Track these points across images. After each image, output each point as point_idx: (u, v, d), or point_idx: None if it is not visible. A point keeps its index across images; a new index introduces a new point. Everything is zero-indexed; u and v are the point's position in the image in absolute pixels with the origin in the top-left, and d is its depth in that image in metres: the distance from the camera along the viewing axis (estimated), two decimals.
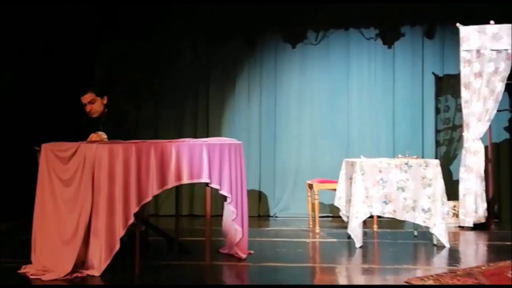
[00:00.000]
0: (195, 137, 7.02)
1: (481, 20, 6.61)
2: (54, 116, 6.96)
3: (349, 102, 7.78)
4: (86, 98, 5.11)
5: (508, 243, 5.85)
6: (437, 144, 7.63)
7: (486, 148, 6.73)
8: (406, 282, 4.21)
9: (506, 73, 6.52)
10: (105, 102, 5.20)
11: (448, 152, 7.57)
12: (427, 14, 7.56)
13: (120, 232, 4.37)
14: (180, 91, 7.97)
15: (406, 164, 5.50)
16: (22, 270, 4.48)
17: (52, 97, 7.12)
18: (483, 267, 4.62)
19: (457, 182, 6.73)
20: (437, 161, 5.59)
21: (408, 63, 7.71)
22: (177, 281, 4.38)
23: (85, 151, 4.43)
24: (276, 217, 7.73)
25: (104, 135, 4.88)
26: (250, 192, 7.71)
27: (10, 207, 6.39)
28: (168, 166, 4.52)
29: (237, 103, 7.98)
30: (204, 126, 7.96)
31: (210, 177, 4.71)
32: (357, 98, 7.77)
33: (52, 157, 4.55)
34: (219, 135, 7.56)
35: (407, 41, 7.71)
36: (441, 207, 5.44)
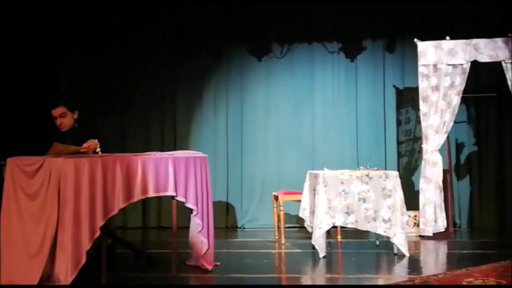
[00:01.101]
0: (163, 150, 7.07)
1: (438, 35, 6.79)
2: (20, 130, 6.88)
3: (314, 114, 7.88)
4: (57, 111, 5.11)
5: (466, 251, 6.05)
6: (399, 155, 7.77)
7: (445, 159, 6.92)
8: None
9: (462, 87, 6.69)
10: (75, 117, 5.21)
11: (409, 163, 7.72)
12: (387, 28, 7.71)
13: (86, 245, 4.36)
14: (146, 104, 7.99)
15: (367, 176, 5.61)
16: None
17: (18, 111, 7.04)
18: (440, 275, 4.74)
19: (418, 193, 6.85)
20: (396, 173, 5.72)
21: (370, 76, 7.84)
22: None
23: (50, 165, 4.43)
24: (244, 228, 7.78)
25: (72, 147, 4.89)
26: (218, 204, 7.79)
27: None
28: (134, 180, 4.55)
29: (204, 115, 8.02)
30: (172, 139, 7.97)
31: (176, 190, 4.76)
32: (321, 110, 7.88)
33: (17, 171, 4.52)
34: (186, 148, 7.57)
35: (369, 55, 7.84)
36: (401, 217, 5.55)
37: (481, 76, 7.37)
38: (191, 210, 5.00)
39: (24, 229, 4.45)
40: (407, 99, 7.69)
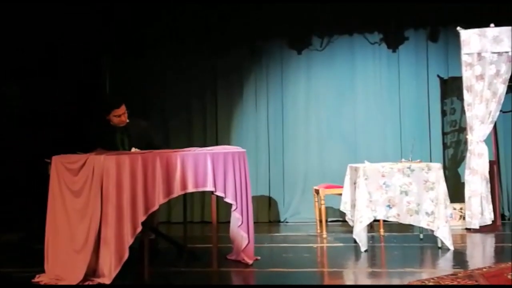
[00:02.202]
0: (204, 145, 7.15)
1: (483, 22, 6.65)
2: (65, 129, 7.09)
3: (356, 106, 7.84)
4: (123, 109, 5.40)
5: None
6: (444, 146, 7.65)
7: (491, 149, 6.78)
8: (408, 284, 4.28)
9: (508, 75, 6.54)
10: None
11: (455, 154, 7.59)
12: (430, 17, 7.58)
13: (128, 240, 4.48)
14: (188, 101, 8.11)
15: (409, 168, 5.56)
16: (35, 279, 4.61)
17: (62, 111, 7.26)
18: (484, 269, 4.67)
19: (464, 185, 6.74)
20: (439, 165, 5.64)
21: (413, 66, 7.75)
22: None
23: (93, 163, 4.57)
24: (287, 222, 7.81)
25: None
26: (260, 198, 7.87)
27: (22, 217, 6.55)
28: (174, 176, 4.65)
29: (245, 110, 8.09)
30: (213, 134, 8.07)
31: (214, 185, 4.84)
32: (363, 103, 7.83)
33: (62, 169, 4.70)
34: (228, 143, 7.69)
35: (411, 45, 7.74)
36: (444, 210, 5.48)
37: None
38: (230, 205, 5.06)
39: (69, 225, 4.62)
40: (452, 89, 7.55)
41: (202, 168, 4.79)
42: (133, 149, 5.12)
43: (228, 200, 4.97)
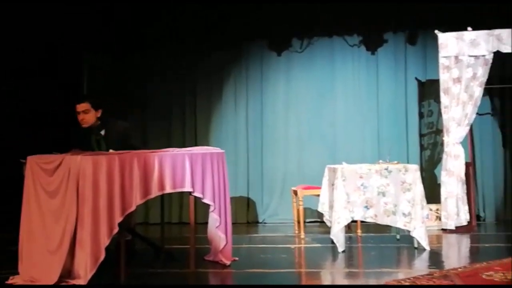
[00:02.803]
0: (183, 146, 7.11)
1: (460, 26, 6.72)
2: (41, 128, 6.98)
3: (335, 108, 7.87)
4: (81, 106, 5.20)
5: (488, 245, 5.98)
6: (421, 148, 7.71)
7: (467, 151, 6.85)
8: (384, 284, 4.31)
9: (484, 78, 6.63)
10: (98, 115, 5.29)
11: (432, 156, 7.65)
12: (409, 20, 7.65)
13: (105, 241, 4.43)
14: (167, 101, 8.06)
15: (386, 169, 5.59)
16: (10, 281, 4.54)
17: (39, 109, 7.15)
18: (459, 269, 4.71)
19: (440, 186, 6.81)
20: (416, 166, 5.69)
21: (392, 68, 7.80)
22: None
23: (69, 163, 4.50)
24: (265, 223, 7.80)
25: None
26: (239, 199, 7.84)
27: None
28: (151, 176, 4.61)
29: (224, 111, 8.06)
30: (192, 135, 8.03)
31: (192, 186, 4.80)
32: (342, 104, 7.86)
33: (37, 169, 4.62)
34: (207, 144, 7.65)
35: (390, 47, 7.79)
36: (421, 211, 5.53)
37: (506, 67, 7.24)
38: (208, 206, 5.03)
39: (44, 226, 4.54)
40: (430, 91, 7.61)
41: (180, 168, 4.75)
42: (110, 150, 5.06)
43: (206, 201, 4.94)
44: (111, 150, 5.03)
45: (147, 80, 8.06)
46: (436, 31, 6.76)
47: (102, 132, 5.31)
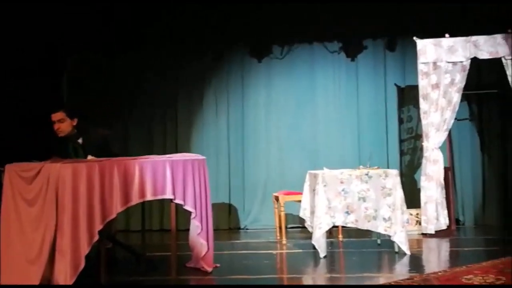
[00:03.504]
0: (164, 152, 7.07)
1: (438, 33, 6.79)
2: (19, 136, 6.84)
3: (315, 114, 7.89)
4: (56, 116, 5.16)
5: (468, 249, 6.02)
6: (401, 153, 7.75)
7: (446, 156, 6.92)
8: None
9: (462, 84, 6.70)
10: (74, 124, 5.24)
11: (412, 161, 7.70)
12: (388, 27, 7.68)
13: (85, 249, 4.39)
14: (148, 108, 8.01)
15: (367, 175, 5.61)
16: None
17: (18, 116, 7.02)
18: (439, 273, 4.74)
19: (419, 191, 6.85)
20: (396, 171, 5.72)
21: (371, 75, 7.84)
22: None
23: (48, 171, 4.46)
24: (247, 229, 7.78)
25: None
26: (221, 205, 7.82)
27: None
28: (132, 183, 4.58)
29: (205, 118, 8.04)
30: (173, 142, 7.98)
31: (174, 193, 4.77)
32: (322, 110, 7.89)
33: (16, 177, 4.55)
34: (188, 150, 7.62)
35: (370, 54, 7.84)
36: (401, 215, 5.56)
37: (483, 73, 7.34)
38: (190, 213, 5.00)
39: (23, 235, 4.47)
40: (409, 97, 7.65)
41: (161, 175, 4.72)
42: (89, 157, 5.01)
43: (188, 207, 4.91)
44: (89, 157, 4.99)
45: (128, 87, 7.99)
46: (414, 38, 6.82)
47: (80, 140, 5.26)
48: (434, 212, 6.64)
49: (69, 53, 7.93)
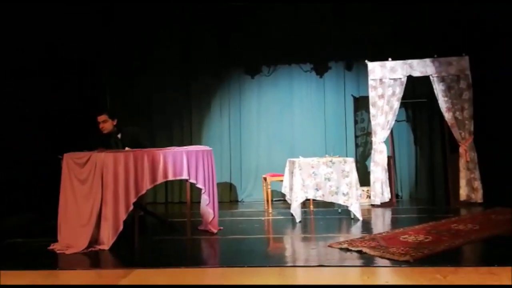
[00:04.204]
0: (182, 144, 7.02)
1: (383, 57, 6.77)
2: (74, 132, 6.75)
3: (293, 117, 7.84)
4: (101, 118, 5.12)
5: (404, 215, 6.04)
6: (356, 146, 7.72)
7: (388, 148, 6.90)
8: (329, 245, 4.32)
9: (401, 95, 6.67)
10: (115, 123, 5.19)
11: (364, 151, 7.69)
12: (346, 52, 7.63)
13: (123, 216, 4.39)
14: (169, 111, 7.93)
15: (331, 161, 5.61)
16: (51, 247, 4.48)
17: (72, 118, 6.91)
18: (384, 233, 4.75)
19: (369, 173, 6.84)
20: (352, 159, 5.71)
21: (334, 88, 7.79)
22: (165, 252, 4.41)
23: (96, 158, 4.45)
24: (243, 201, 7.74)
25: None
26: (224, 184, 7.78)
27: (40, 200, 6.24)
28: (158, 168, 4.56)
29: (212, 119, 7.96)
30: (188, 137, 7.89)
31: (189, 174, 4.77)
32: (298, 114, 7.83)
33: (71, 163, 4.55)
34: (199, 143, 7.58)
35: (333, 73, 7.78)
36: (356, 191, 5.56)
37: (416, 87, 7.32)
38: (201, 189, 4.99)
39: (77, 206, 4.48)
40: (362, 104, 7.63)
41: (179, 162, 4.71)
42: (126, 149, 4.98)
43: (199, 185, 4.91)
44: (127, 148, 4.95)
45: (153, 98, 7.93)
46: (366, 61, 6.80)
47: (119, 136, 5.22)
48: (380, 189, 6.63)
49: (111, 74, 7.81)
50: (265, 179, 6.77)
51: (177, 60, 7.86)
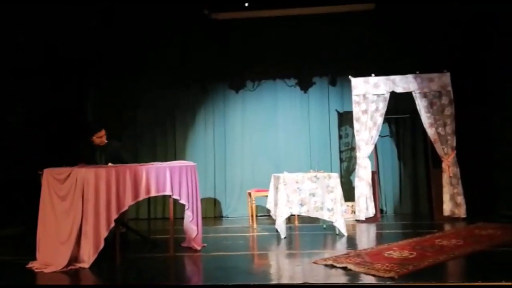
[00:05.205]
0: (166, 160, 6.94)
1: (367, 73, 6.84)
2: (54, 145, 6.64)
3: (278, 132, 7.86)
4: (101, 133, 5.24)
5: (388, 231, 6.06)
6: (341, 161, 7.75)
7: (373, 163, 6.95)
8: (314, 262, 4.30)
9: (384, 110, 6.75)
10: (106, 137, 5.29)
11: (348, 166, 7.71)
12: (330, 68, 7.73)
13: (104, 233, 4.33)
14: (152, 125, 7.90)
15: (315, 177, 5.62)
16: (29, 265, 4.39)
17: (52, 129, 6.80)
18: (368, 249, 4.76)
19: (354, 188, 6.85)
20: (336, 174, 5.73)
21: (319, 103, 7.84)
22: (147, 270, 4.35)
23: (76, 174, 4.39)
24: (227, 217, 7.68)
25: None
26: (208, 199, 7.73)
27: (18, 216, 6.10)
28: (140, 183, 4.52)
29: (197, 134, 7.94)
30: (172, 152, 7.86)
31: (172, 190, 4.73)
32: (283, 129, 7.85)
33: (51, 179, 4.47)
34: (183, 158, 7.52)
35: (317, 88, 7.84)
36: (340, 207, 5.57)
37: (399, 102, 7.38)
38: (184, 205, 4.95)
39: (56, 222, 4.40)
40: (346, 119, 7.67)
41: (162, 177, 4.68)
42: (109, 164, 4.93)
43: (182, 201, 4.88)
44: (110, 164, 4.91)
45: (137, 107, 7.88)
46: (350, 77, 6.88)
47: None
48: (365, 204, 6.64)
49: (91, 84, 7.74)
50: (249, 194, 6.75)
51: (162, 72, 7.85)
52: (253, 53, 7.68)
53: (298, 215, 6.37)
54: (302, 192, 5.56)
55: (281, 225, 5.56)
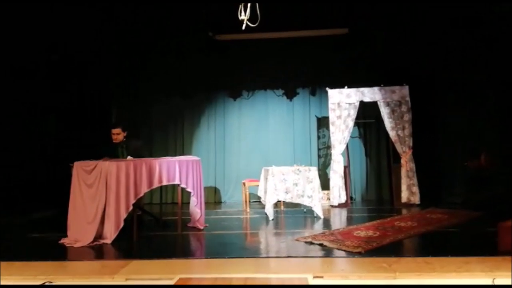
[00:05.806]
0: (175, 155, 6.93)
1: (341, 85, 6.86)
2: (84, 142, 6.58)
3: (268, 133, 7.81)
4: (116, 130, 5.09)
5: (357, 215, 6.07)
6: (319, 157, 7.74)
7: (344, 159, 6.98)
8: (296, 239, 4.32)
9: (354, 116, 6.74)
10: (125, 135, 5.15)
11: (325, 162, 7.71)
12: (311, 81, 7.73)
13: (123, 215, 4.31)
14: (164, 127, 7.83)
15: (298, 170, 5.63)
16: (61, 241, 4.36)
17: (82, 130, 6.75)
18: (340, 229, 4.79)
19: (329, 180, 6.87)
20: (315, 168, 5.74)
21: (301, 110, 7.81)
22: (159, 245, 4.33)
23: (101, 166, 4.36)
24: (226, 202, 7.64)
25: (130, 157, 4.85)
26: (209, 187, 7.69)
27: (53, 201, 6.04)
28: (154, 174, 4.50)
29: (201, 133, 7.88)
30: (180, 148, 7.79)
31: (180, 180, 4.72)
32: (272, 131, 7.81)
33: (80, 170, 4.44)
34: (190, 153, 7.48)
35: (301, 97, 7.81)
36: (318, 194, 5.59)
37: (366, 109, 7.40)
38: (190, 193, 4.94)
39: (84, 206, 4.37)
40: (323, 123, 7.67)
41: (172, 169, 4.66)
42: (129, 157, 4.90)
43: (189, 189, 4.88)
44: (129, 157, 4.87)
45: (151, 112, 7.83)
46: (327, 88, 6.88)
47: (124, 146, 5.16)
48: (338, 192, 6.66)
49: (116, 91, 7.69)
50: (244, 183, 6.74)
51: (173, 82, 7.79)
52: (248, 68, 7.65)
53: (283, 201, 6.39)
54: (287, 182, 5.57)
55: (269, 209, 5.57)
